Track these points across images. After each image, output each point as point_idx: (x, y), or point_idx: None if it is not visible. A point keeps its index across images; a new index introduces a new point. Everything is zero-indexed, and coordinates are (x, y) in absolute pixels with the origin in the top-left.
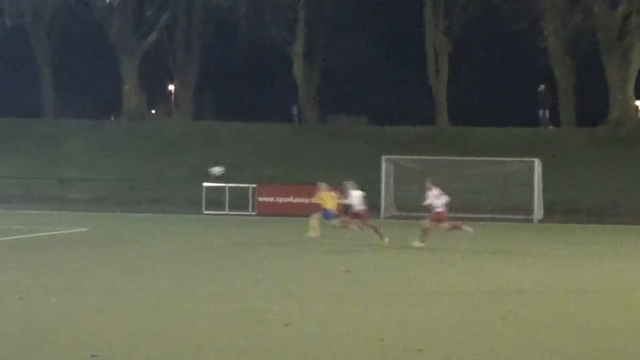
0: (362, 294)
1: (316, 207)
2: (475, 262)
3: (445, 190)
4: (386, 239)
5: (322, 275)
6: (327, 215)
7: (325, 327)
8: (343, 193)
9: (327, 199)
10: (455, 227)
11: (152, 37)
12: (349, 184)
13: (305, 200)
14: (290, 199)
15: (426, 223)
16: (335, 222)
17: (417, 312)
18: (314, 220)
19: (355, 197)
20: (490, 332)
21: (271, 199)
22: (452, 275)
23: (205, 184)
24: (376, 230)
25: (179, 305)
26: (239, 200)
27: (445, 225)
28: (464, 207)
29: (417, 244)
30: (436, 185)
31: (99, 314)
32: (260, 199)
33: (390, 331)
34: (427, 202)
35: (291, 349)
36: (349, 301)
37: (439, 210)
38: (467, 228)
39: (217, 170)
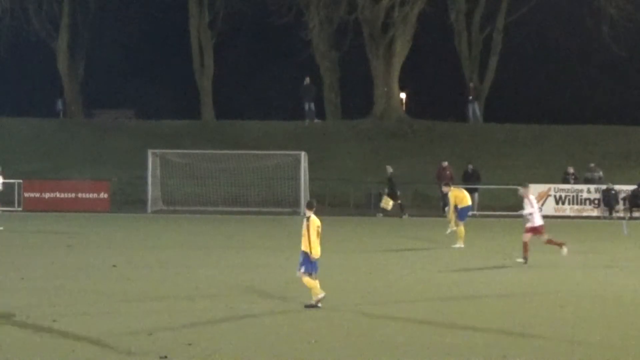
0: (129, 290)
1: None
2: (249, 258)
3: (212, 184)
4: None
5: (91, 270)
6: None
7: (94, 322)
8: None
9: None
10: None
11: None
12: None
13: (72, 195)
14: (57, 194)
15: (526, 237)
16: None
17: (184, 308)
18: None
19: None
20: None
21: (37, 195)
22: (214, 270)
23: None
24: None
25: None
26: (5, 197)
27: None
28: (231, 201)
29: (520, 260)
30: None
31: None
32: (27, 194)
33: (160, 325)
34: (526, 211)
35: (59, 343)
36: (117, 297)
37: (540, 223)
38: (564, 250)
39: None
